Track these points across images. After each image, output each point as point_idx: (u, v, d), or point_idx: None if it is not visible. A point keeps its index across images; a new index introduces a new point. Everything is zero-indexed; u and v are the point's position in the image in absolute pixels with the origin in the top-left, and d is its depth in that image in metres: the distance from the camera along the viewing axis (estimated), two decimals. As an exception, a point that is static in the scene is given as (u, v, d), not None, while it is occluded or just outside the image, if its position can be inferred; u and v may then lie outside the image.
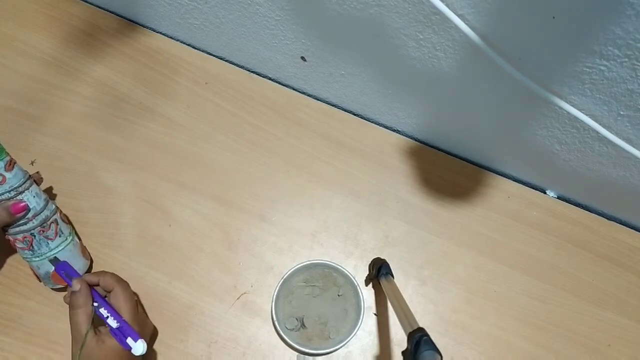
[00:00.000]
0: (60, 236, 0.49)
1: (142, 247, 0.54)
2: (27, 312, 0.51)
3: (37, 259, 0.48)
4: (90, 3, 0.65)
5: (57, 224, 0.49)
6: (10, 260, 0.52)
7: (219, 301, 0.53)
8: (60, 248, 0.48)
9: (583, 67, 0.38)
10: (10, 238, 0.47)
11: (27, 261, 0.48)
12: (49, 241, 0.48)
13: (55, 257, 0.48)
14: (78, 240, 0.52)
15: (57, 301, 0.51)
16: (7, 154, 0.46)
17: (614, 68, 0.37)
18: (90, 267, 0.53)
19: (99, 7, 0.65)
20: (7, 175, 0.45)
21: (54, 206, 0.50)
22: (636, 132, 0.43)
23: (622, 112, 0.42)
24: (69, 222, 0.53)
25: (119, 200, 0.56)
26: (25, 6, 0.63)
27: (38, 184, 0.50)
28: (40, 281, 0.49)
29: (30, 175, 0.48)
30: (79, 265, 0.50)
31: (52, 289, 0.51)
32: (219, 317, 0.53)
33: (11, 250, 0.50)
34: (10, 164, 0.46)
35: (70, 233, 0.51)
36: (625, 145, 0.44)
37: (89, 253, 0.53)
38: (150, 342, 0.51)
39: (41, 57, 0.61)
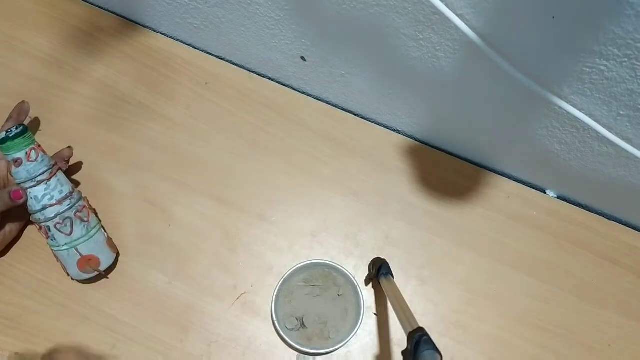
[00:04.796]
0: (82, 229, 0.50)
1: (142, 247, 0.54)
2: (27, 312, 0.51)
3: (55, 249, 0.49)
4: (90, 3, 0.65)
5: (72, 222, 0.49)
6: (10, 260, 0.52)
7: (219, 301, 0.53)
8: (81, 241, 0.49)
9: (583, 67, 0.38)
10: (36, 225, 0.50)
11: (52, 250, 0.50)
12: (64, 235, 0.49)
13: (75, 247, 0.49)
14: (104, 234, 0.52)
15: (57, 301, 0.51)
16: (33, 143, 0.49)
17: (614, 68, 0.37)
18: (117, 259, 0.53)
19: (99, 7, 0.65)
20: (20, 168, 0.48)
21: (69, 204, 0.49)
22: (636, 132, 0.43)
23: (622, 112, 0.42)
24: (91, 217, 0.52)
25: (119, 200, 0.56)
26: (25, 6, 0.63)
27: (64, 170, 0.51)
28: (67, 275, 0.50)
29: (51, 169, 0.49)
30: (105, 257, 0.51)
31: (79, 280, 0.51)
32: (218, 317, 0.53)
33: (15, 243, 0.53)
34: (29, 156, 0.48)
35: (93, 227, 0.51)
36: (625, 145, 0.44)
37: (115, 247, 0.54)
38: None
39: (41, 57, 0.61)
